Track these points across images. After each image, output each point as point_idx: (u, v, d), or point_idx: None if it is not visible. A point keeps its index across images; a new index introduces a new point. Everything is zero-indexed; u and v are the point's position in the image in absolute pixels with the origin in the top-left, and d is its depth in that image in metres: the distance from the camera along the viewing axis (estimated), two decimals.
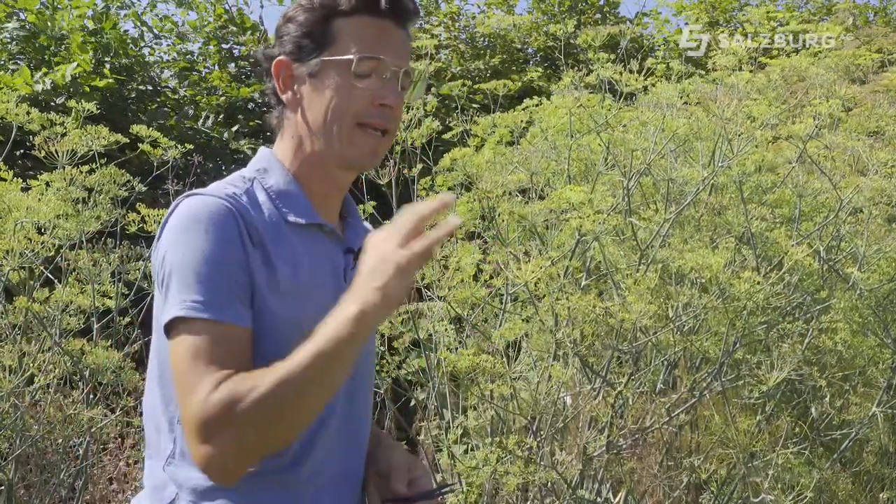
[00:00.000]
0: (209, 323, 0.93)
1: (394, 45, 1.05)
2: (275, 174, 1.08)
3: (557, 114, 2.72)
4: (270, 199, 1.05)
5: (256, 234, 1.00)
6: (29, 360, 2.55)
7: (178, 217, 0.99)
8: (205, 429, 0.89)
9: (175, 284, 0.95)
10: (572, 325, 2.20)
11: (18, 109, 2.48)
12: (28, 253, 2.30)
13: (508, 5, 7.11)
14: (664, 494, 2.68)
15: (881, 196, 2.38)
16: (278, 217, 1.04)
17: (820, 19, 6.60)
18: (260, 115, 5.86)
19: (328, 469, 1.06)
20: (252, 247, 0.99)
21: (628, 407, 2.39)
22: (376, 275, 0.88)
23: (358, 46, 1.02)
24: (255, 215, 1.01)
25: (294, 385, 0.88)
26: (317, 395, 0.91)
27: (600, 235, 2.22)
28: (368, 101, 1.03)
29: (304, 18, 1.04)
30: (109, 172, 2.59)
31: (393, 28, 1.05)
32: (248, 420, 0.88)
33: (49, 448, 2.84)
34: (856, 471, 2.83)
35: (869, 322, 2.47)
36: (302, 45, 1.05)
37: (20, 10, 5.07)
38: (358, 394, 1.11)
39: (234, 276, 0.96)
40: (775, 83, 2.81)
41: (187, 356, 0.93)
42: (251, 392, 0.88)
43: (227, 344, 0.93)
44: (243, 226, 0.98)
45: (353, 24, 1.03)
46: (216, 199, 0.99)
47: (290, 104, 1.07)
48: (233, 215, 0.98)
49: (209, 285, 0.94)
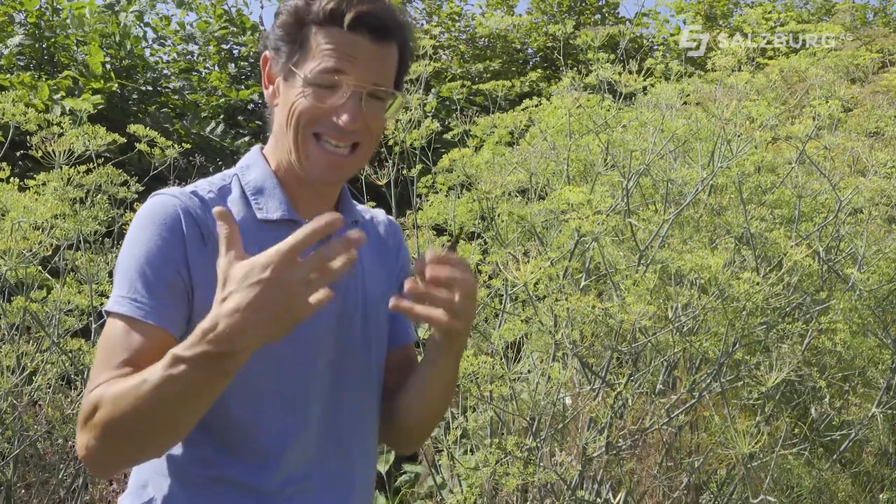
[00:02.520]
0: (127, 319, 0.95)
1: (363, 59, 1.00)
2: (255, 171, 1.09)
3: (557, 114, 2.72)
4: (244, 195, 1.06)
5: (209, 232, 1.00)
6: (28, 359, 2.55)
7: (137, 215, 1.02)
8: (80, 422, 0.92)
9: (115, 279, 0.99)
10: (571, 326, 2.20)
11: (16, 109, 2.48)
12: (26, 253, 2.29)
13: (508, 6, 7.12)
14: (664, 495, 2.68)
15: (880, 196, 2.38)
16: (247, 214, 1.05)
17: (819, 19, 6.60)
18: (260, 116, 5.87)
19: (306, 476, 1.05)
20: (203, 245, 0.99)
21: (628, 408, 2.39)
22: (228, 293, 0.84)
23: (321, 58, 1.00)
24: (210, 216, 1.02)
25: (146, 405, 0.87)
26: (173, 415, 0.88)
27: (599, 236, 2.22)
28: (326, 114, 1.01)
29: (283, 21, 1.03)
30: (107, 172, 2.59)
31: (367, 43, 1.00)
32: (101, 429, 0.90)
33: (48, 448, 2.84)
34: (855, 471, 2.83)
35: (868, 323, 2.47)
36: (278, 47, 1.04)
37: (20, 10, 5.06)
38: (344, 398, 1.09)
39: (166, 279, 0.97)
40: (775, 83, 2.80)
41: (101, 347, 0.96)
42: (110, 403, 0.89)
43: (139, 341, 0.94)
44: (193, 225, 1.00)
45: (324, 35, 1.00)
46: (171, 200, 1.00)
47: (269, 100, 1.08)
48: (182, 216, 0.99)
49: (138, 284, 0.96)
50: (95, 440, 0.90)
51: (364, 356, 1.12)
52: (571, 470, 2.29)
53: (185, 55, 6.30)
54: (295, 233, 0.84)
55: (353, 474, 1.11)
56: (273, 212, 1.05)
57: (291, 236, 0.84)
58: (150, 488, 1.03)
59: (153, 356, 0.92)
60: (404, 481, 3.59)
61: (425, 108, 2.89)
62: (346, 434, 1.10)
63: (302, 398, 1.05)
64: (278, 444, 1.03)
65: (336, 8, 0.99)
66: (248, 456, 1.02)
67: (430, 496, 3.36)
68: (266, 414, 1.03)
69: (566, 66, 2.84)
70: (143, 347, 0.94)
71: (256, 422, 1.02)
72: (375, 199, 2.94)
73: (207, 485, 1.01)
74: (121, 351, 0.94)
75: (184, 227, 0.99)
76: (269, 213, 1.05)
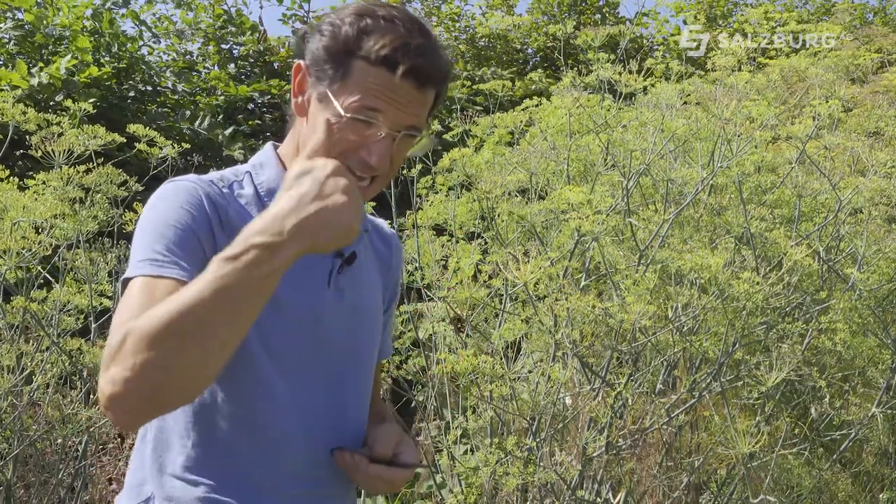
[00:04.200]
0: (147, 279, 0.92)
1: (401, 105, 1.00)
2: (268, 170, 1.09)
3: (557, 114, 2.72)
4: (257, 193, 1.07)
5: (227, 219, 1.01)
6: (27, 359, 2.55)
7: (154, 196, 1.03)
8: (103, 367, 0.85)
9: (132, 250, 0.97)
10: (571, 326, 2.20)
11: (15, 109, 2.48)
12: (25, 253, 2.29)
13: (508, 6, 7.12)
14: (664, 495, 2.68)
15: (880, 196, 2.37)
16: (258, 212, 1.04)
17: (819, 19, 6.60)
18: (260, 116, 5.86)
19: (307, 477, 1.06)
20: (220, 229, 1.00)
21: (628, 407, 2.39)
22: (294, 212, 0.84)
23: (362, 94, 0.99)
24: (229, 205, 1.03)
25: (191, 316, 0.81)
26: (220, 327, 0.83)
27: (599, 236, 2.22)
28: (355, 149, 1.01)
29: (328, 44, 1.02)
30: (106, 172, 2.59)
31: (411, 90, 1.00)
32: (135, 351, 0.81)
33: (48, 448, 2.83)
34: (855, 471, 2.83)
35: (868, 323, 2.47)
36: (319, 66, 1.03)
37: (17, 8, 5.06)
38: (348, 402, 1.11)
39: (188, 245, 0.96)
40: (775, 83, 2.80)
41: (120, 310, 0.90)
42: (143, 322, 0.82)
43: (160, 292, 0.90)
44: (214, 210, 1.00)
45: (369, 72, 0.99)
46: (192, 185, 1.02)
47: (298, 110, 1.07)
48: (205, 199, 1.00)
49: (157, 245, 0.95)
50: (129, 370, 0.81)
51: (361, 362, 1.14)
52: (571, 470, 2.29)
53: (184, 55, 6.29)
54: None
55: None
56: None
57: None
58: (148, 486, 1.03)
59: None
60: None
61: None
62: (347, 435, 1.10)
63: (303, 399, 1.05)
64: (279, 444, 1.03)
65: (391, 55, 0.98)
66: (248, 456, 1.02)
67: (429, 496, 3.35)
68: (267, 414, 1.03)
69: (566, 66, 2.84)
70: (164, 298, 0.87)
71: (257, 422, 1.03)
72: (375, 199, 2.93)
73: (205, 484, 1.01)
74: (139, 306, 0.88)
75: (207, 208, 1.00)
76: None
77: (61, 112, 2.91)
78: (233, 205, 1.04)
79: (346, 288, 1.10)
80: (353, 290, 1.11)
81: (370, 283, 1.16)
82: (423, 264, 2.64)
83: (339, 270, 1.09)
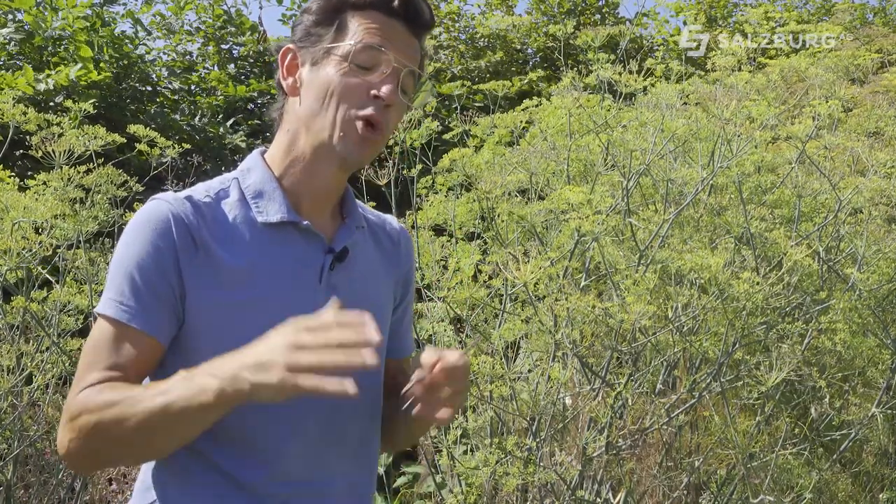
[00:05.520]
0: (115, 322, 0.98)
1: (400, 44, 1.05)
2: (255, 174, 1.09)
3: (557, 114, 2.72)
4: (243, 198, 1.07)
5: (201, 238, 1.02)
6: (27, 359, 2.55)
7: (131, 221, 1.04)
8: (63, 420, 0.96)
9: (106, 282, 1.02)
10: (571, 326, 2.20)
11: (15, 110, 2.48)
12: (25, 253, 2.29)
13: (508, 6, 7.12)
14: (664, 495, 2.68)
15: (880, 196, 2.37)
16: (245, 217, 1.05)
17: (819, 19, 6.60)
18: (259, 116, 5.86)
19: (308, 480, 1.05)
20: (194, 250, 1.01)
21: (628, 407, 2.39)
22: (257, 369, 0.86)
23: (362, 37, 1.03)
24: (212, 217, 1.04)
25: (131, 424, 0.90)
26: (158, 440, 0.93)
27: (599, 236, 2.22)
28: (364, 91, 1.03)
29: (318, 6, 1.07)
30: (106, 172, 2.59)
31: (403, 30, 1.06)
32: (85, 434, 0.93)
33: (48, 448, 2.83)
34: (855, 471, 2.83)
35: (868, 323, 2.47)
36: (311, 33, 1.07)
37: (16, 10, 5.06)
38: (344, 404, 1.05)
39: (154, 286, 0.99)
40: (775, 83, 2.80)
41: (87, 348, 0.99)
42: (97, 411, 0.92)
43: (124, 345, 0.97)
44: (185, 232, 1.01)
45: (363, 17, 1.05)
46: (164, 206, 1.02)
47: (291, 91, 1.08)
48: (174, 222, 1.01)
49: (125, 287, 0.99)
50: (77, 441, 0.94)
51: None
52: (571, 470, 2.29)
53: (183, 55, 6.29)
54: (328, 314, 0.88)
55: (352, 477, 1.11)
56: (273, 214, 1.06)
57: (327, 316, 0.88)
58: (154, 490, 1.04)
59: (138, 360, 0.97)
60: (403, 482, 3.58)
61: (425, 108, 2.88)
62: (348, 439, 1.09)
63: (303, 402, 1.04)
64: (280, 447, 1.03)
65: None
66: (250, 458, 1.02)
67: (429, 496, 3.36)
68: (269, 417, 1.02)
69: (566, 66, 2.84)
70: (128, 351, 0.97)
71: (259, 425, 1.02)
72: (375, 199, 2.93)
73: (210, 486, 1.02)
74: (106, 353, 0.97)
75: (174, 235, 1.00)
76: (270, 216, 1.06)
77: (61, 112, 2.91)
78: (216, 213, 1.05)
79: (339, 285, 1.08)
80: (348, 288, 1.09)
81: (369, 279, 1.14)
82: (422, 264, 2.64)
83: (330, 268, 1.08)
